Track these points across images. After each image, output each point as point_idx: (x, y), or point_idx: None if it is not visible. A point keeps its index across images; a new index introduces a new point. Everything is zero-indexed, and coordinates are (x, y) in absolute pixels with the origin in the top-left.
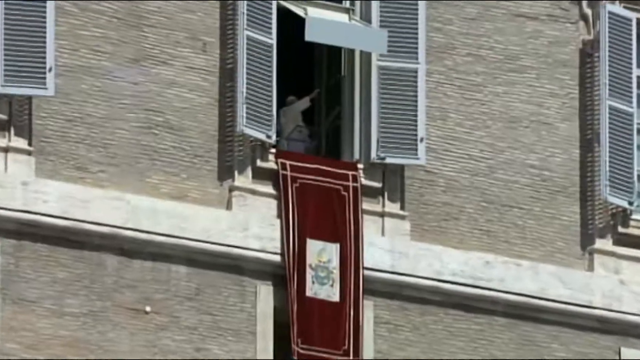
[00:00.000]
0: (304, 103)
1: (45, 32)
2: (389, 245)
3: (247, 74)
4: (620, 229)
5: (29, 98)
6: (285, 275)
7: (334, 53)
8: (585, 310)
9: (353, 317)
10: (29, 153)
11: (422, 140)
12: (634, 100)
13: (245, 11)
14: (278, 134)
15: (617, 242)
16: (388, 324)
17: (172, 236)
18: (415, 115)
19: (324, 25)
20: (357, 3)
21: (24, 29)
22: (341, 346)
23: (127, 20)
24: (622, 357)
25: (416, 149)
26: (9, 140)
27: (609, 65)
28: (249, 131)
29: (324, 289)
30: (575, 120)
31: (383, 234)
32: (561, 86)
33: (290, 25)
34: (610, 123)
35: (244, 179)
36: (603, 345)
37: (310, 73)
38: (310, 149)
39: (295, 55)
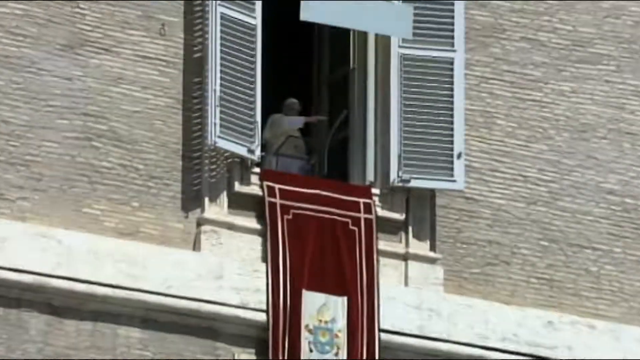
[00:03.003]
0: (302, 120)
1: None
2: (415, 300)
3: (222, 65)
4: None
5: None
6: (272, 339)
7: (339, 38)
8: None
9: None
10: None
11: (460, 156)
12: None
13: None
14: (264, 147)
15: None
16: None
17: (120, 287)
18: (451, 123)
19: (325, 0)
20: None
21: None
22: None
23: None
24: None
25: (452, 169)
26: None
27: None
28: (224, 144)
29: (327, 358)
30: None
31: (407, 283)
32: None
33: (281, 1)
34: None
35: (217, 209)
36: None
37: (308, 65)
38: (308, 168)
39: (287, 41)
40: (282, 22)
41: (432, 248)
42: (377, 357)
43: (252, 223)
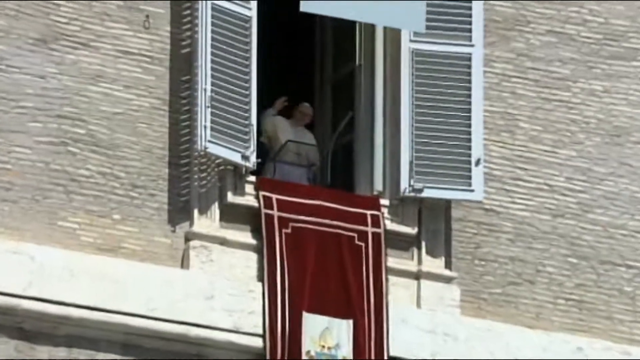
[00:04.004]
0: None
1: None
2: (428, 323)
3: (213, 62)
4: None
5: None
6: None
7: (344, 32)
8: None
9: None
10: None
11: (478, 163)
12: None
13: None
14: (264, 153)
15: None
16: None
17: (99, 309)
18: (468, 126)
19: None
20: None
21: None
22: None
23: None
24: None
25: (469, 177)
26: None
27: None
28: (215, 149)
29: None
30: None
31: (419, 305)
32: None
33: None
34: None
35: (207, 223)
36: None
37: (309, 62)
38: (309, 176)
39: (286, 34)
40: (280, 13)
41: (448, 265)
42: None
43: (247, 238)
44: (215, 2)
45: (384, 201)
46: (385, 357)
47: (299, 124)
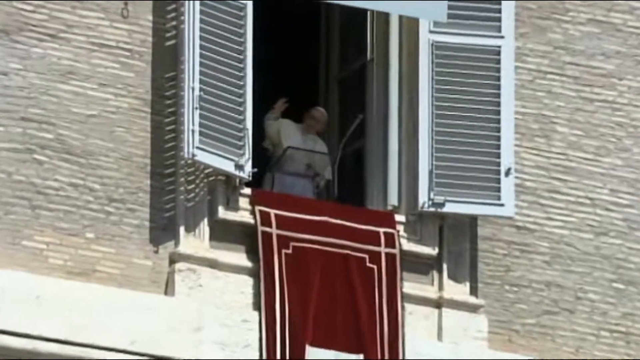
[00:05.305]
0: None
1: None
2: (451, 358)
3: (202, 56)
4: None
5: None
6: None
7: (353, 22)
8: None
9: None
10: None
11: (509, 172)
12: None
13: None
14: (259, 163)
15: None
16: None
17: (70, 343)
18: (497, 130)
19: None
20: None
21: None
22: None
23: None
24: None
25: (498, 189)
26: None
27: None
28: (204, 157)
29: None
30: None
31: (440, 337)
32: None
33: None
34: None
35: (196, 242)
36: None
37: (313, 56)
38: (314, 188)
39: (286, 25)
40: (278, 1)
41: (473, 292)
42: None
43: (241, 259)
44: None
45: (400, 217)
46: None
47: (310, 131)
